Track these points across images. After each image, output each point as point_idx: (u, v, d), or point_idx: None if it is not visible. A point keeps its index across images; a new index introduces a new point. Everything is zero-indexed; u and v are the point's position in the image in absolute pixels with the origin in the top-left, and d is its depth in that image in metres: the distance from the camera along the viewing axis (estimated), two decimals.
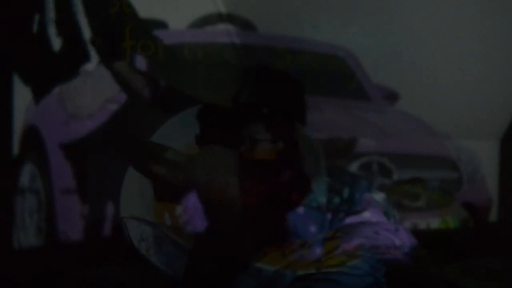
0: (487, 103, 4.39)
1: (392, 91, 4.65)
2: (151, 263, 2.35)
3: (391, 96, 4.66)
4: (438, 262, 3.24)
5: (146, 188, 2.47)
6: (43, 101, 3.86)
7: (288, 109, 2.37)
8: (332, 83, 4.66)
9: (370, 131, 4.24)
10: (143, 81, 2.69)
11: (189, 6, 3.99)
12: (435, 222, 3.92)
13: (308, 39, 4.49)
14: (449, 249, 3.75)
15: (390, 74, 4.52)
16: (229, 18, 4.15)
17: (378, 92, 4.68)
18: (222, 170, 2.31)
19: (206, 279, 2.25)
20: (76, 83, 3.56)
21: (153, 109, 2.67)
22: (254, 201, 2.27)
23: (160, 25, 3.75)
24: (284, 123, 2.35)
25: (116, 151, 3.10)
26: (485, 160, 4.45)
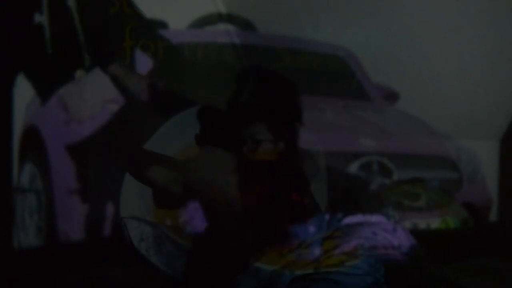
0: (487, 103, 4.39)
1: (392, 91, 4.65)
2: (151, 263, 2.35)
3: (391, 96, 4.66)
4: (438, 262, 3.24)
5: (146, 188, 2.47)
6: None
7: (284, 109, 2.37)
8: (332, 83, 4.66)
9: (370, 131, 4.24)
10: (141, 84, 2.69)
11: (189, 6, 3.98)
12: (435, 222, 3.92)
13: (308, 39, 4.48)
14: (449, 249, 3.74)
15: (390, 74, 4.52)
16: (229, 18, 4.15)
17: (378, 92, 4.68)
18: (222, 171, 2.31)
19: (206, 279, 2.25)
20: (77, 84, 3.56)
21: (152, 111, 2.67)
22: (255, 201, 2.28)
23: (160, 25, 3.74)
24: (284, 123, 2.36)
25: (114, 157, 3.10)
26: (485, 160, 4.44)
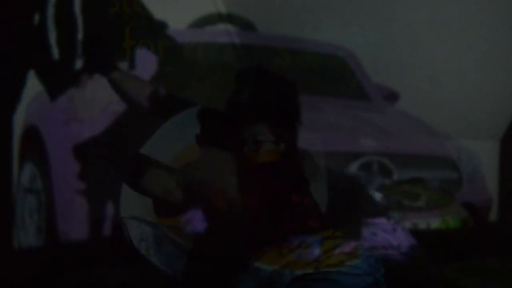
0: (487, 103, 4.39)
1: (392, 91, 4.65)
2: (151, 263, 2.35)
3: (391, 96, 4.66)
4: (438, 262, 3.24)
5: None
6: (43, 101, 3.86)
7: (284, 109, 2.37)
8: (332, 83, 4.66)
9: (370, 131, 4.24)
10: (139, 88, 2.68)
11: (189, 6, 3.98)
12: (435, 222, 3.92)
13: (308, 39, 4.48)
14: (449, 249, 3.74)
15: (390, 74, 4.52)
16: (229, 18, 4.15)
17: (378, 92, 4.68)
18: (222, 171, 2.31)
19: (206, 279, 2.25)
20: (82, 84, 3.55)
21: (152, 114, 2.67)
22: (255, 202, 2.27)
23: (160, 25, 3.74)
24: (284, 124, 2.35)
25: (112, 162, 3.10)
26: (485, 160, 4.44)
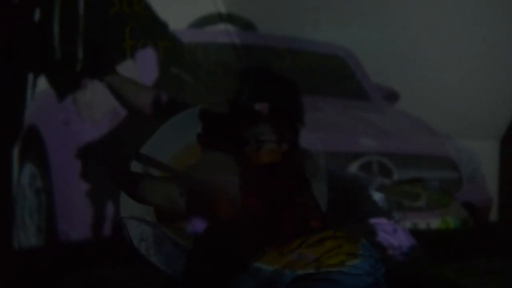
0: (487, 103, 4.39)
1: (392, 91, 4.65)
2: (151, 263, 2.35)
3: (391, 96, 4.66)
4: (438, 262, 3.24)
5: None
6: (43, 101, 3.86)
7: (286, 109, 2.37)
8: (332, 83, 4.66)
9: (370, 131, 4.24)
10: (136, 92, 2.68)
11: (189, 6, 3.98)
12: (435, 222, 3.92)
13: (308, 39, 4.48)
14: (449, 249, 3.74)
15: (390, 74, 4.52)
16: (229, 18, 4.14)
17: (378, 92, 4.68)
18: (224, 172, 2.30)
19: (206, 279, 2.25)
20: (89, 86, 3.55)
21: (150, 117, 2.67)
22: (257, 202, 2.27)
23: (160, 25, 3.74)
24: (286, 124, 2.35)
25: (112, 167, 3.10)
26: (485, 160, 4.45)
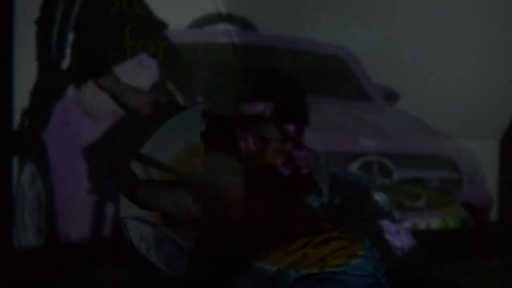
0: (487, 103, 4.39)
1: (392, 91, 4.65)
2: (151, 263, 2.34)
3: (391, 96, 4.66)
4: (438, 262, 3.24)
5: None
6: None
7: (291, 109, 2.36)
8: (332, 83, 4.66)
9: (370, 131, 4.24)
10: (132, 95, 2.69)
11: (189, 6, 3.98)
12: (435, 222, 3.92)
13: (308, 39, 4.49)
14: (449, 249, 3.75)
15: (390, 74, 4.52)
16: (229, 18, 4.14)
17: (378, 92, 4.69)
18: (230, 173, 2.30)
19: (207, 279, 2.25)
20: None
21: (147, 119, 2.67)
22: (260, 203, 2.26)
23: (160, 25, 3.74)
24: (291, 123, 2.34)
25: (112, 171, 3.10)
26: (485, 160, 4.45)
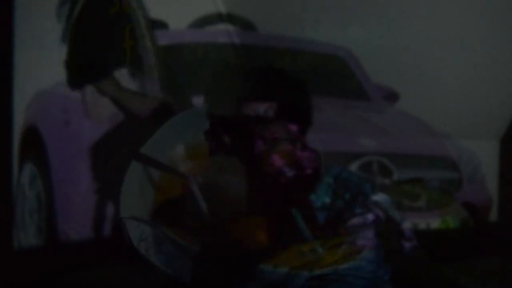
0: (487, 103, 4.39)
1: (392, 91, 4.65)
2: (151, 263, 2.34)
3: (391, 96, 4.66)
4: (438, 262, 3.24)
5: (146, 188, 2.46)
6: (43, 101, 3.86)
7: (294, 109, 2.35)
8: (332, 83, 4.66)
9: (370, 131, 4.24)
10: (131, 98, 2.69)
11: (189, 6, 3.99)
12: (435, 222, 3.92)
13: (308, 39, 4.49)
14: (449, 249, 3.75)
15: (390, 74, 4.52)
16: (229, 18, 4.15)
17: (378, 92, 4.68)
18: (233, 175, 2.29)
19: (213, 282, 2.24)
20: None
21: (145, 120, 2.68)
22: (266, 205, 2.26)
23: (160, 25, 3.74)
24: (295, 123, 2.34)
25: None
26: (485, 160, 4.45)
